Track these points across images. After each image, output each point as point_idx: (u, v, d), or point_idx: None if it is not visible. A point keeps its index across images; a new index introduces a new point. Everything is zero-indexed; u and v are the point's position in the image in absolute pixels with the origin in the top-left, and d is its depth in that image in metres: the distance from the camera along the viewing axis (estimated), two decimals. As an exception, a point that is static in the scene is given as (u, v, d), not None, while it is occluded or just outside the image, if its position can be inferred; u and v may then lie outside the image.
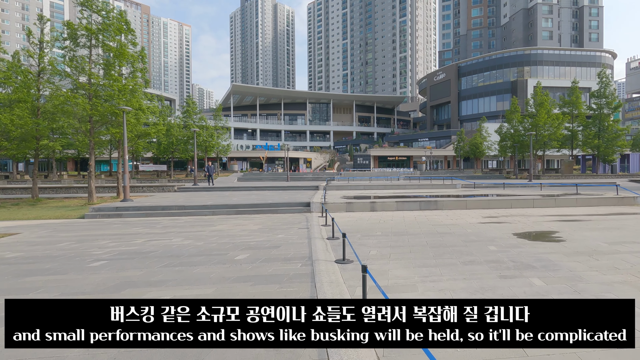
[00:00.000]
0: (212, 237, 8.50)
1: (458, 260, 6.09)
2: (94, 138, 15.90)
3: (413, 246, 7.27)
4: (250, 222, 11.28)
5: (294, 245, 7.46)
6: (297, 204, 14.32)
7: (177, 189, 23.58)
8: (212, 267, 5.77)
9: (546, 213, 12.76)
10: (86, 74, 15.33)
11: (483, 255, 6.42)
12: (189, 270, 5.57)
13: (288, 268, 5.62)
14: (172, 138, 40.33)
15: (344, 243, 5.92)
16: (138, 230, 9.77)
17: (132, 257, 6.55)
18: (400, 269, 5.59)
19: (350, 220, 11.25)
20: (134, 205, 13.94)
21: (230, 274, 5.33)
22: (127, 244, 7.86)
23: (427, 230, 9.20)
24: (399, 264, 5.90)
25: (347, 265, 5.81)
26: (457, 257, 6.30)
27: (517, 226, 9.77)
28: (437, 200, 14.45)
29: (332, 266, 5.66)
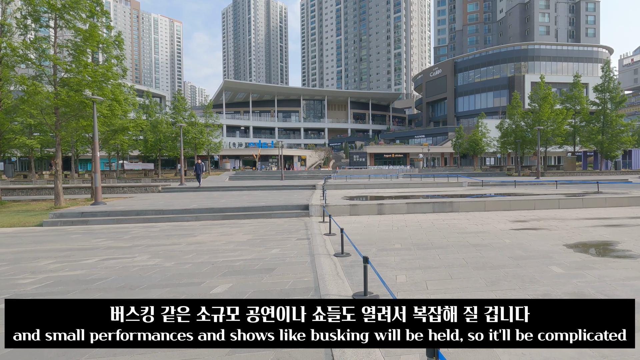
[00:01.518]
0: (188, 254, 6.67)
1: (525, 292, 4.35)
2: (60, 132, 13.88)
3: (450, 267, 5.52)
4: (239, 230, 9.45)
5: (293, 266, 5.68)
6: (293, 206, 12.52)
7: (161, 189, 21.62)
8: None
9: (579, 215, 11.14)
10: (51, 59, 13.31)
11: (552, 283, 4.69)
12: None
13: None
14: (160, 135, 38.22)
15: (366, 272, 4.14)
16: (98, 243, 7.89)
17: (67, 289, 4.71)
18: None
19: (358, 227, 9.49)
20: (104, 209, 12.02)
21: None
22: (73, 265, 5.99)
23: (456, 241, 7.47)
24: (442, 298, 4.15)
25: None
26: (520, 286, 4.57)
27: (561, 234, 8.10)
28: (452, 202, 12.75)
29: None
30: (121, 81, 16.97)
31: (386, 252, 6.65)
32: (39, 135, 29.63)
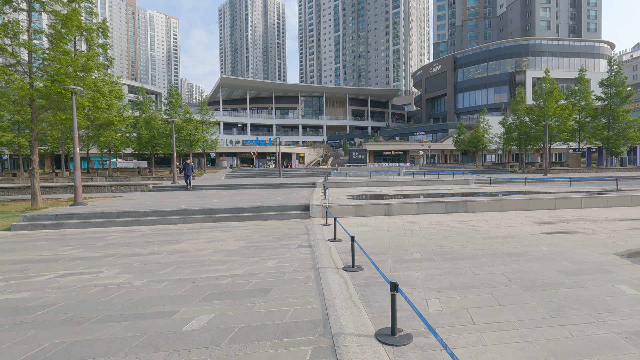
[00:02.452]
0: (166, 268, 5.53)
1: (608, 328, 3.23)
2: (36, 127, 12.65)
3: (491, 286, 4.40)
4: (231, 234, 8.31)
5: (293, 284, 4.54)
6: (292, 207, 11.38)
7: (152, 188, 20.41)
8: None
9: (608, 216, 10.06)
10: (23, 46, 12.08)
11: (635, 312, 3.58)
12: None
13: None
14: (154, 131, 36.93)
15: (394, 304, 3.01)
16: (63, 253, 6.73)
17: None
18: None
19: (366, 231, 8.36)
20: (82, 211, 10.83)
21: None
22: (21, 284, 4.84)
23: (484, 249, 6.36)
24: (500, 339, 3.03)
25: (409, 353, 2.91)
26: (595, 317, 3.45)
27: (602, 239, 7.00)
28: (466, 201, 11.64)
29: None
30: (107, 71, 15.70)
31: (405, 264, 5.52)
32: (29, 132, 28.32)
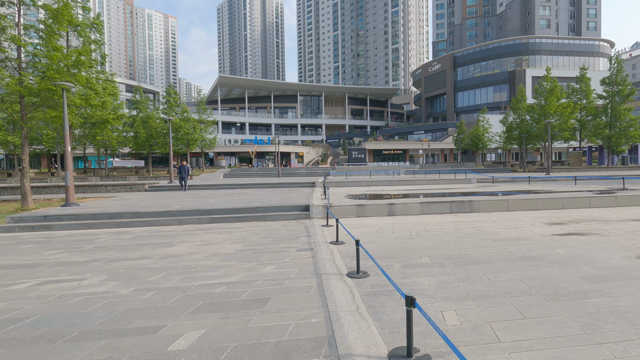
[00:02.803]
0: (156, 274, 5.12)
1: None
2: (26, 124, 12.21)
3: (511, 295, 4.00)
4: (228, 236, 7.90)
5: (293, 294, 4.14)
6: (292, 207, 10.97)
7: (148, 188, 19.98)
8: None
9: (619, 216, 9.68)
10: (12, 41, 11.64)
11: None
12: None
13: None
14: (152, 131, 36.44)
15: (410, 321, 2.62)
16: (48, 257, 6.31)
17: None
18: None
19: (369, 232, 7.97)
20: (73, 212, 10.41)
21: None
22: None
23: (496, 252, 5.97)
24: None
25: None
26: (635, 333, 3.06)
27: (620, 241, 6.62)
28: (471, 201, 11.25)
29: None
30: (101, 68, 15.26)
31: (414, 269, 5.13)
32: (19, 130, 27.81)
